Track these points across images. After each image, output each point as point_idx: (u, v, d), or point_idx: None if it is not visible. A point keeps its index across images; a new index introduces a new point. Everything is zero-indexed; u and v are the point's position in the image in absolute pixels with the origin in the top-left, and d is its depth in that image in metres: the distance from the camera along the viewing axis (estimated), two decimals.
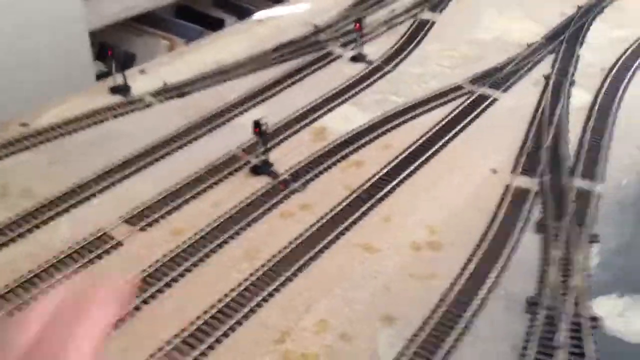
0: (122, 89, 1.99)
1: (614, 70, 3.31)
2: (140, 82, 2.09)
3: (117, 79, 2.11)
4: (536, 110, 2.17)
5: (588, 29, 3.52)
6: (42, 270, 1.80)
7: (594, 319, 1.74)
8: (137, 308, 1.73)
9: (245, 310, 1.73)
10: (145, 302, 1.76)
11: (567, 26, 3.28)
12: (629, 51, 3.73)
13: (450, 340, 1.62)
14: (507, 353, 1.49)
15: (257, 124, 1.55)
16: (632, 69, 3.40)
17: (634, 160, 2.12)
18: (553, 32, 2.78)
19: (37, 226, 1.91)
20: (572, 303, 1.82)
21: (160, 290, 1.78)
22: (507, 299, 1.66)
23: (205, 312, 1.70)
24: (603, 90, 3.08)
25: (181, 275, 1.84)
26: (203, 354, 1.62)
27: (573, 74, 3.23)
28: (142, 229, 1.88)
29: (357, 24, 2.19)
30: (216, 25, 5.12)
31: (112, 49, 2.04)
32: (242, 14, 4.98)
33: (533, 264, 1.84)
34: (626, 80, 3.33)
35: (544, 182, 2.17)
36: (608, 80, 3.12)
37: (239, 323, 1.69)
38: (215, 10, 5.61)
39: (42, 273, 1.78)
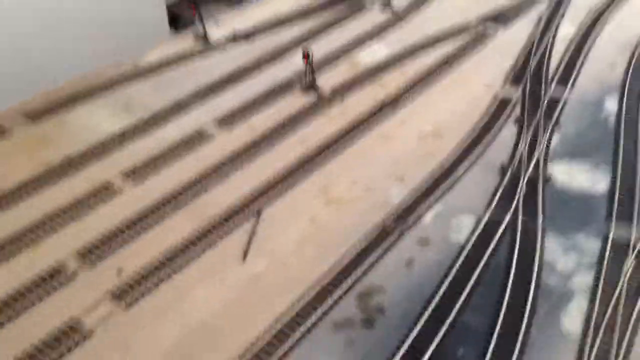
0: (203, 36, 2.54)
1: (597, 11, 3.60)
2: (216, 31, 2.60)
3: (199, 30, 2.66)
4: (529, 40, 2.50)
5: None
6: (162, 155, 2.40)
7: (548, 177, 2.07)
8: (226, 175, 2.26)
9: (301, 175, 2.29)
10: (232, 172, 2.33)
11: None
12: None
13: (441, 189, 2.03)
14: (484, 197, 1.83)
15: (304, 53, 2.03)
16: (611, 9, 3.68)
17: (600, 74, 2.39)
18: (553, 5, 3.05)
19: (154, 127, 2.45)
20: (532, 167, 2.18)
21: (239, 167, 2.34)
22: (486, 165, 2.00)
23: (274, 176, 2.28)
24: (586, 25, 3.38)
25: (258, 155, 2.40)
26: (276, 199, 2.17)
27: (563, 14, 3.55)
28: (229, 129, 2.42)
29: None
30: None
31: (195, 7, 2.58)
32: None
33: (509, 143, 2.20)
34: (605, 17, 3.60)
35: (525, 91, 2.50)
36: (591, 18, 3.42)
37: (298, 182, 2.25)
38: None
39: (165, 155, 2.35)
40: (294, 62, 2.30)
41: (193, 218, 2.19)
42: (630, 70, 2.38)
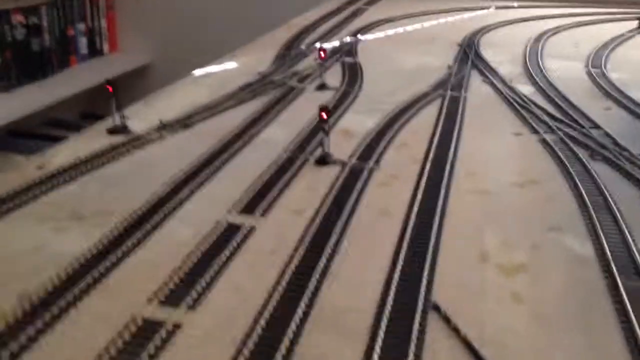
0: (121, 129, 1.66)
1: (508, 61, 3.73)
2: (132, 124, 1.76)
3: (114, 121, 1.73)
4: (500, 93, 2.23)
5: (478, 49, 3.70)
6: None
7: None
8: None
9: None
10: None
11: (465, 50, 3.39)
12: (510, 56, 4.32)
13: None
14: None
15: (326, 109, 1.39)
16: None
17: None
18: (458, 57, 2.81)
19: (141, 232, 1.40)
20: None
21: None
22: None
23: None
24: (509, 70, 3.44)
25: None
26: None
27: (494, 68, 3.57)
28: (258, 215, 1.45)
29: (323, 52, 2.25)
30: (56, 139, 4.69)
31: (112, 89, 1.65)
32: (77, 128, 4.68)
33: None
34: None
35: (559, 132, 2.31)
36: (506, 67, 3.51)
37: None
38: (50, 129, 5.04)
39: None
40: (266, 144, 1.69)
41: None
42: None
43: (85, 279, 0.83)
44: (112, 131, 1.55)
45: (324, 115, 1.36)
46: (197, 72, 2.09)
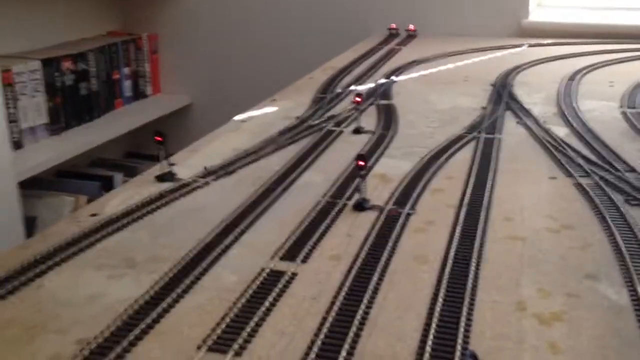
0: (169, 177, 1.73)
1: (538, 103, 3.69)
2: (177, 170, 1.83)
3: (161, 168, 1.81)
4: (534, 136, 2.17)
5: (511, 89, 3.57)
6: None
7: None
8: None
9: None
10: None
11: (499, 90, 3.28)
12: (544, 96, 4.28)
13: None
14: None
15: (363, 158, 1.42)
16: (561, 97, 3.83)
17: None
18: (492, 97, 2.73)
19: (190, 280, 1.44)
20: None
21: None
22: None
23: None
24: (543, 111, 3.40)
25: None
26: None
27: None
28: (298, 261, 1.47)
29: (359, 97, 2.30)
30: (107, 182, 4.85)
31: (161, 139, 1.70)
32: (128, 171, 4.86)
33: None
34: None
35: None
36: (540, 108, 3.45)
37: None
38: (96, 169, 5.20)
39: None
40: (307, 187, 1.72)
41: None
42: None
43: (140, 326, 0.90)
44: (160, 178, 1.64)
45: (361, 164, 1.42)
46: (238, 117, 2.17)
